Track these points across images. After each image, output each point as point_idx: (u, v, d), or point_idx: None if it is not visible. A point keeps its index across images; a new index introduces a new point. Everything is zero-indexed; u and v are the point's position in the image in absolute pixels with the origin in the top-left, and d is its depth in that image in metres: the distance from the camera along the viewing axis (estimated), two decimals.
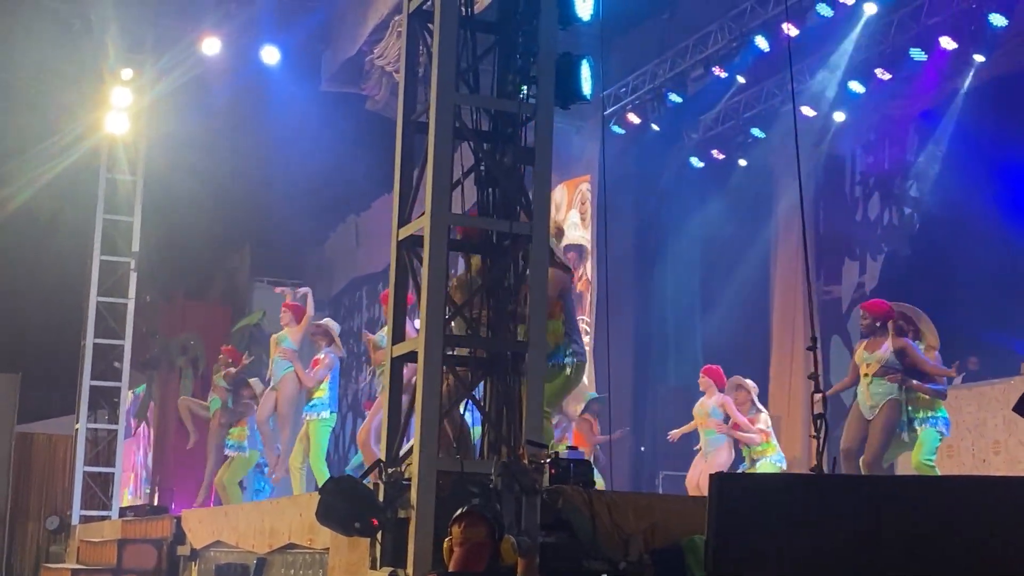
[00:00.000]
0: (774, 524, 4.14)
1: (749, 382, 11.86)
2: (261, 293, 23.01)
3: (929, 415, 9.34)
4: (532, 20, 6.96)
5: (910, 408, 9.31)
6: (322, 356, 11.61)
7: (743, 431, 11.52)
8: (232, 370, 13.40)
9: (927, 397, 9.33)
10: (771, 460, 11.44)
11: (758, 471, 11.27)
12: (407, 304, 7.17)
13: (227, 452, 12.93)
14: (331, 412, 11.46)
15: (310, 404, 11.50)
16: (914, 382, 9.30)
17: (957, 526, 3.59)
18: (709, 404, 11.81)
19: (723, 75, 14.51)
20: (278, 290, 13.82)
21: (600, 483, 7.80)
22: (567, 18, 7.08)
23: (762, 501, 4.26)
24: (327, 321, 12.23)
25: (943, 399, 9.45)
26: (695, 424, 11.97)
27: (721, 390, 11.81)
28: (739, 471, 11.47)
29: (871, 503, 3.86)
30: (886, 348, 9.40)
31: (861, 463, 9.25)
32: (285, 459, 11.99)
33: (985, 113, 13.01)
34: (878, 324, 9.57)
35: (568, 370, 7.77)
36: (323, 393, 11.41)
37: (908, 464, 9.63)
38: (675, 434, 12.45)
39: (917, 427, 9.33)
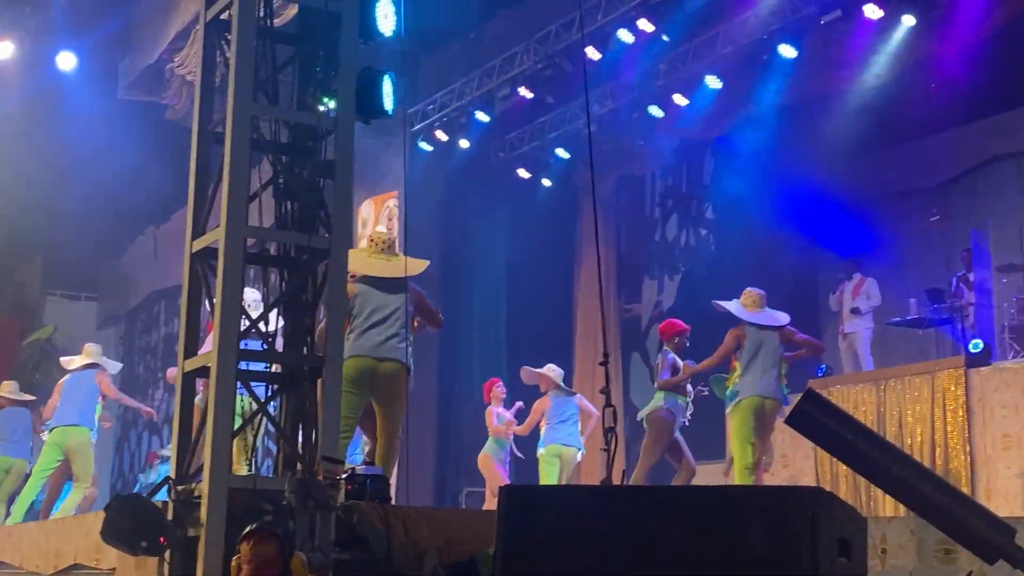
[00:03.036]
0: (562, 535, 4.19)
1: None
2: (53, 306, 22.22)
3: None
4: (333, 33, 6.93)
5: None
6: None
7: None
8: None
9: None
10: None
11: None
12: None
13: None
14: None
15: None
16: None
17: (728, 534, 3.72)
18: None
19: (529, 95, 14.74)
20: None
21: None
22: (369, 33, 7.07)
23: (550, 512, 4.30)
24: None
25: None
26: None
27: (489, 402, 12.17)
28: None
29: (652, 513, 3.95)
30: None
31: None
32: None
33: (778, 138, 13.58)
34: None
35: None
36: None
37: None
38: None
39: None
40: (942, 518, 3.84)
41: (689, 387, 10.29)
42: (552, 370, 11.91)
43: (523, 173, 16.28)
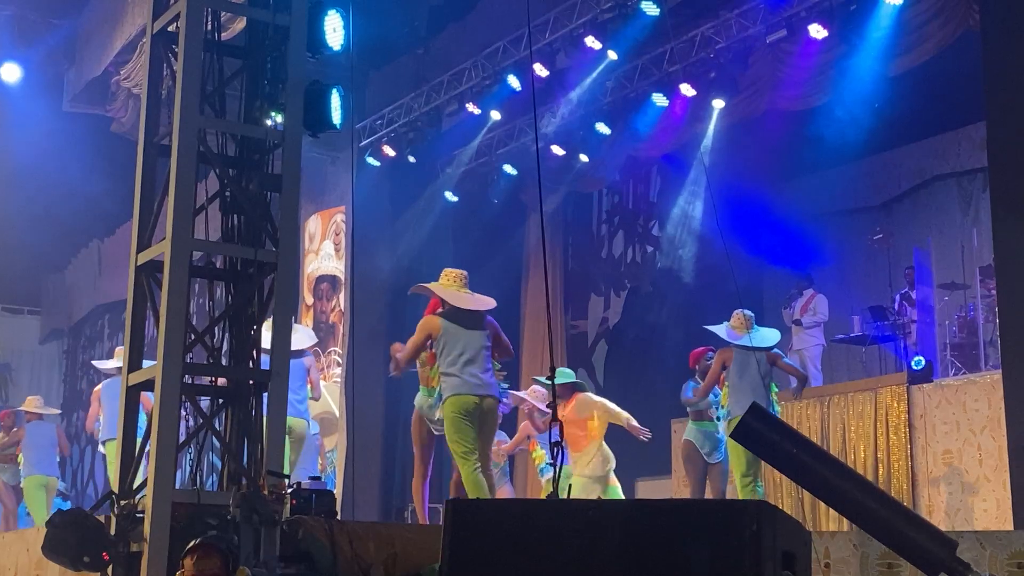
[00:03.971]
0: (509, 550, 4.19)
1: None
2: None
3: None
4: (280, 47, 6.92)
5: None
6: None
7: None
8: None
9: None
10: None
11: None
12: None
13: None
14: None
15: None
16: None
17: (674, 547, 3.74)
18: None
19: (477, 111, 14.75)
20: None
21: None
22: (317, 46, 7.07)
23: (497, 527, 4.29)
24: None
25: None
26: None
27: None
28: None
29: (598, 527, 3.96)
30: None
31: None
32: None
33: (723, 156, 13.67)
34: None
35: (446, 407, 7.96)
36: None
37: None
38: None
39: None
40: (884, 531, 3.88)
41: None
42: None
43: (471, 188, 16.28)
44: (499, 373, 8.65)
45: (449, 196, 16.54)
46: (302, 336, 9.98)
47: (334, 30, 7.12)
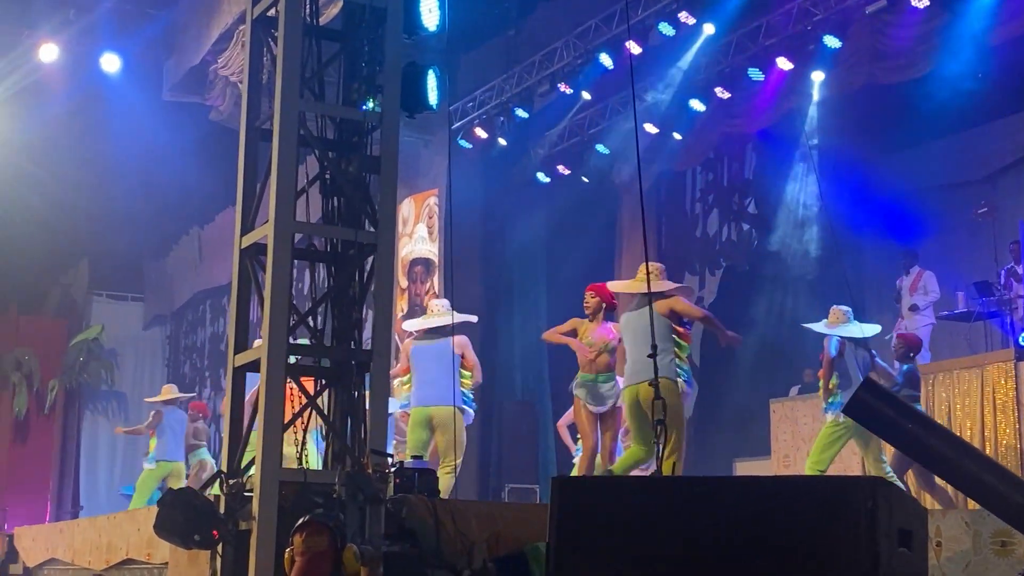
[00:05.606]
0: (614, 527, 4.18)
1: None
2: (100, 307, 22.39)
3: None
4: (377, 29, 6.95)
5: None
6: None
7: None
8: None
9: None
10: None
11: None
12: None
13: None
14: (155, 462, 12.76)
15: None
16: None
17: (786, 523, 3.70)
18: None
19: (569, 91, 14.68)
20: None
21: None
22: (413, 27, 7.10)
23: (602, 505, 4.28)
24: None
25: None
26: None
27: None
28: None
29: (706, 504, 3.93)
30: None
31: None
32: None
33: (821, 131, 13.45)
34: None
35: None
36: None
37: None
38: None
39: None
40: (1003, 506, 3.80)
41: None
42: None
43: (563, 169, 16.22)
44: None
45: (541, 177, 16.51)
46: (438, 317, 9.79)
47: (430, 11, 7.15)
